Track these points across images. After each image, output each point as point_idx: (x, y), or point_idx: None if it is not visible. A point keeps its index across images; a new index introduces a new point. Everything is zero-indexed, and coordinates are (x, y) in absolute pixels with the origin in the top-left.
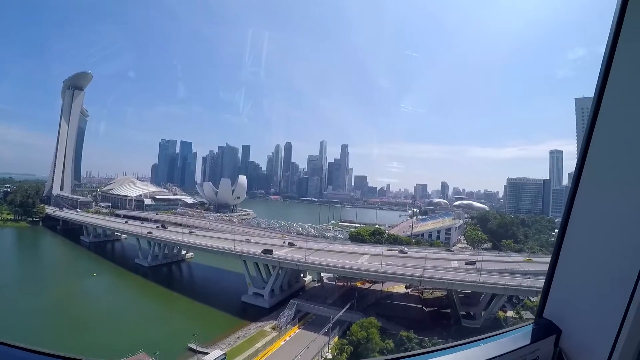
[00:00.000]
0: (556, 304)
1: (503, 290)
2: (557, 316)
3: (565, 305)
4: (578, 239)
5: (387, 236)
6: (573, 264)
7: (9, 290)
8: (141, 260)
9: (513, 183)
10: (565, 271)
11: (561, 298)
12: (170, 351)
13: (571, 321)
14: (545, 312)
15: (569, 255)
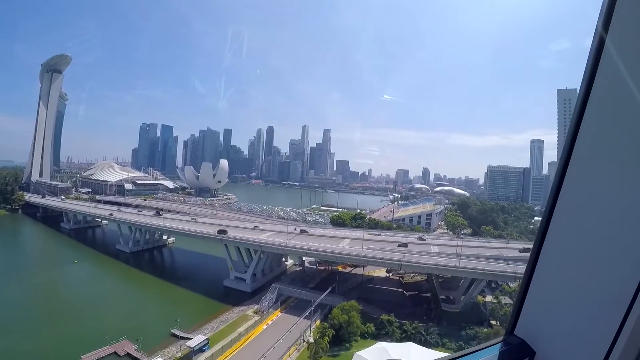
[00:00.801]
0: (530, 321)
1: (482, 275)
2: (531, 335)
3: (541, 323)
4: (560, 247)
5: (369, 221)
6: (553, 275)
7: None
8: (122, 246)
9: (494, 170)
10: (543, 283)
11: (537, 314)
12: (153, 337)
13: (547, 342)
14: (517, 329)
15: (549, 264)
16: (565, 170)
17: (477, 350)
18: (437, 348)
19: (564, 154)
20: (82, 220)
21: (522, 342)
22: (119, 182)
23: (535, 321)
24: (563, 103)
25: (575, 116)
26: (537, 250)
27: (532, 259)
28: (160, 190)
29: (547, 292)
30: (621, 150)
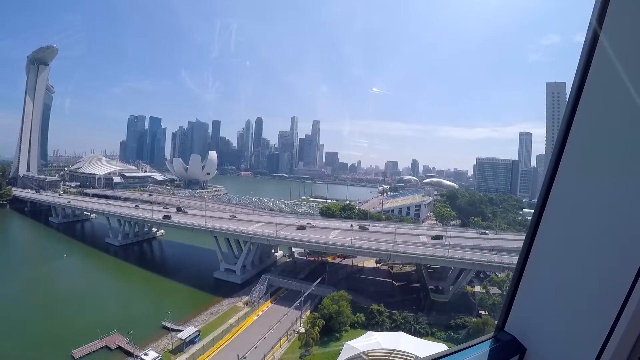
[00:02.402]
0: (521, 317)
1: (470, 265)
2: (522, 332)
3: (532, 319)
4: (551, 243)
5: (358, 211)
6: (544, 271)
7: None
8: (112, 239)
9: (482, 163)
10: (534, 279)
11: (528, 310)
12: (144, 330)
13: (538, 339)
14: (507, 324)
15: (540, 260)
16: (558, 166)
17: (468, 347)
18: (427, 337)
19: (556, 150)
20: (71, 214)
21: (513, 338)
22: (107, 175)
23: (526, 317)
24: (552, 96)
25: (568, 112)
26: (528, 246)
27: (523, 255)
28: (149, 182)
29: (538, 289)
30: (614, 147)
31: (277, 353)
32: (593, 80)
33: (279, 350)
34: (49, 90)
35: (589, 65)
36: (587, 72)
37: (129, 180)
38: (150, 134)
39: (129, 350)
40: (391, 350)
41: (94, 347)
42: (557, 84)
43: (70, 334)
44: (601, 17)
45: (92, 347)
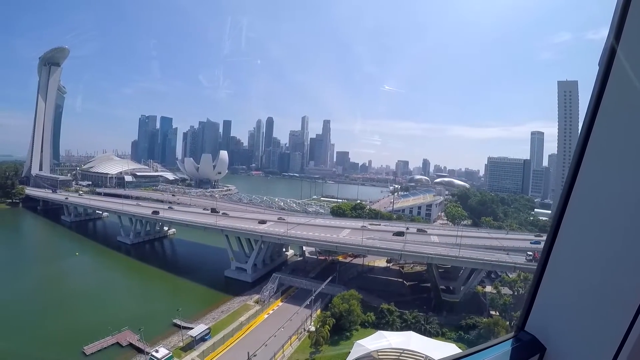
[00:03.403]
0: (541, 317)
1: (482, 265)
2: (542, 331)
3: (552, 319)
4: (573, 242)
5: (369, 211)
6: (565, 271)
7: None
8: (123, 237)
9: (494, 162)
10: (555, 279)
11: (548, 310)
12: (155, 327)
13: (558, 339)
14: (528, 324)
15: (561, 259)
16: (579, 166)
17: (489, 347)
18: (437, 337)
19: (578, 149)
20: (83, 213)
21: (533, 338)
22: (119, 175)
23: (546, 317)
24: (564, 95)
25: (590, 111)
26: (549, 246)
27: (544, 255)
28: (160, 182)
29: (558, 289)
30: (635, 149)
31: (287, 351)
32: (616, 78)
33: (289, 349)
34: (61, 90)
35: (612, 62)
36: (609, 69)
37: (141, 180)
38: (162, 133)
39: (140, 347)
40: (401, 350)
41: (105, 343)
42: (569, 82)
43: (81, 330)
44: (624, 12)
45: (103, 343)
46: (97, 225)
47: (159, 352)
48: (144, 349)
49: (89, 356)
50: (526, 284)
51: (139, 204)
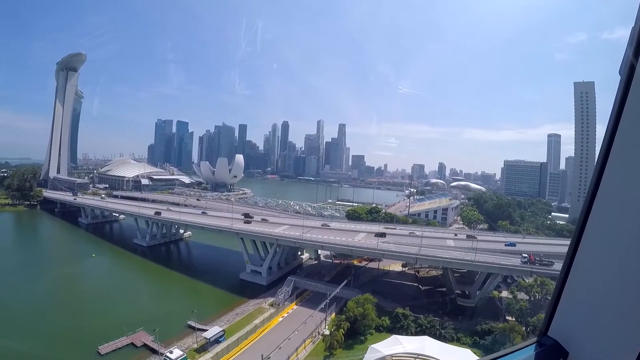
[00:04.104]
0: (564, 322)
1: (498, 269)
2: (565, 336)
3: (575, 324)
4: (598, 246)
5: (384, 215)
6: (589, 275)
7: (9, 274)
8: (140, 240)
9: (510, 165)
10: (579, 284)
11: (571, 315)
12: (169, 329)
13: (581, 344)
14: (551, 329)
15: (585, 264)
16: (604, 169)
17: (512, 352)
18: (452, 342)
19: (602, 153)
20: (100, 215)
21: (556, 343)
22: (135, 178)
23: (569, 322)
24: (580, 96)
25: (615, 112)
26: (573, 250)
27: (568, 259)
28: (176, 185)
29: (582, 293)
30: None
31: (302, 355)
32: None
33: (303, 352)
34: (78, 95)
35: (634, 66)
36: (633, 69)
37: (157, 183)
38: (178, 137)
39: (154, 347)
40: (416, 355)
41: (119, 343)
42: (585, 83)
43: (96, 330)
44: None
45: (117, 343)
46: (114, 227)
47: (173, 353)
48: (158, 349)
49: (104, 356)
50: (543, 289)
51: (169, 208)
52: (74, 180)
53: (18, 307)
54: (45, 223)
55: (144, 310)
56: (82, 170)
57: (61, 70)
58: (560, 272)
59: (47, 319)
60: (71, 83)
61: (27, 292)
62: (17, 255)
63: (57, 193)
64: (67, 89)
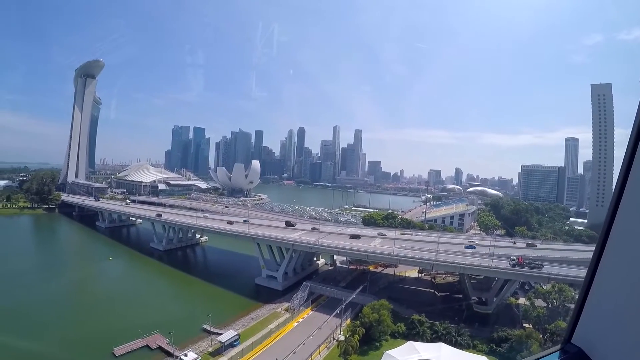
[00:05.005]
0: (588, 330)
1: (515, 275)
2: (589, 344)
3: (599, 331)
4: (623, 251)
5: (400, 220)
6: (614, 282)
7: (28, 276)
8: (156, 244)
9: (527, 170)
10: (603, 290)
11: (595, 323)
12: (184, 332)
13: (605, 352)
14: (574, 337)
15: (610, 270)
16: (629, 171)
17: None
18: (468, 349)
19: (628, 155)
20: (117, 219)
21: (580, 350)
22: (152, 183)
23: (593, 329)
24: (597, 99)
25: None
26: (598, 255)
27: (593, 264)
28: (193, 190)
29: (607, 300)
30: None
31: None
32: None
33: (318, 357)
34: (97, 101)
35: None
36: None
37: (174, 188)
38: (195, 143)
39: (169, 350)
40: None
41: (134, 345)
42: (602, 85)
43: (112, 331)
44: None
45: (132, 345)
46: (131, 231)
47: (188, 356)
48: (173, 352)
49: (119, 357)
50: (561, 296)
51: (206, 216)
52: (91, 184)
53: (36, 307)
54: (63, 226)
55: (160, 313)
56: (99, 175)
57: (79, 77)
58: (584, 278)
59: (64, 319)
60: (89, 89)
61: (46, 293)
62: (37, 257)
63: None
64: (85, 96)
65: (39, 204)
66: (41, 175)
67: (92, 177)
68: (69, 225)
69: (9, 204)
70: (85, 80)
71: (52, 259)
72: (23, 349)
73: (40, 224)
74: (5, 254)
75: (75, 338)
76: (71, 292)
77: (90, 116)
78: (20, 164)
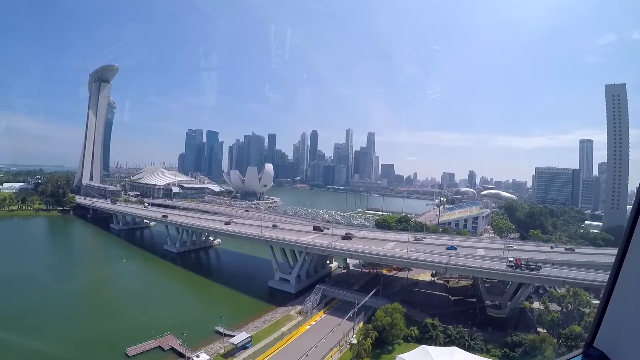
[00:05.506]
0: (611, 333)
1: (529, 279)
2: (611, 348)
3: (622, 335)
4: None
5: (414, 224)
6: (636, 286)
7: (44, 276)
8: (170, 246)
9: (542, 172)
10: (627, 293)
11: (617, 327)
12: (197, 333)
13: (628, 356)
14: (597, 340)
15: (633, 273)
16: None
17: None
18: (482, 354)
19: None
20: (131, 222)
21: (602, 354)
22: (166, 186)
23: (616, 333)
24: (611, 99)
25: None
26: (621, 257)
27: (616, 266)
28: (206, 193)
29: (631, 303)
30: None
31: None
32: None
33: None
34: (111, 105)
35: None
36: None
37: (187, 191)
38: (208, 147)
39: (181, 351)
40: None
41: (147, 346)
42: (617, 85)
43: (125, 332)
44: None
45: (145, 346)
46: (144, 233)
47: (200, 357)
48: (185, 353)
49: (131, 358)
50: (576, 300)
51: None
52: (106, 187)
53: (52, 307)
54: (77, 228)
55: (172, 314)
56: (114, 178)
57: (94, 81)
58: (607, 281)
59: (78, 319)
60: (103, 94)
61: (61, 293)
62: (52, 258)
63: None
64: (99, 100)
65: (54, 206)
66: (56, 178)
67: (107, 180)
68: (83, 227)
69: (24, 206)
70: (100, 84)
71: (67, 260)
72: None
73: (55, 226)
74: (22, 255)
75: (89, 337)
76: (85, 293)
77: (105, 120)
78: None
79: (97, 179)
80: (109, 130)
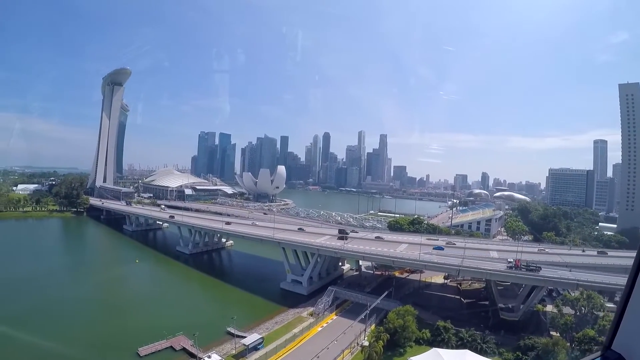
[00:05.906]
0: (629, 336)
1: (543, 282)
2: (630, 350)
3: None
4: None
5: (427, 226)
6: None
7: (58, 276)
8: (182, 247)
9: (555, 174)
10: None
11: (636, 329)
12: (208, 334)
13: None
14: (615, 343)
15: None
16: None
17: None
18: (494, 357)
19: None
20: (144, 223)
21: (620, 357)
22: (179, 188)
23: (635, 336)
24: (625, 99)
25: None
26: (639, 260)
27: (635, 268)
28: (219, 195)
29: None
30: None
31: None
32: None
33: None
34: (124, 108)
35: None
36: None
37: (200, 193)
38: (220, 149)
39: (193, 352)
40: None
41: (159, 346)
42: (631, 84)
43: (137, 332)
44: None
45: (157, 346)
46: (157, 235)
47: (212, 358)
48: (196, 354)
49: (143, 357)
50: (589, 303)
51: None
52: (119, 189)
53: (66, 306)
54: (91, 229)
55: (184, 315)
56: (127, 180)
57: (107, 84)
58: (625, 283)
59: (91, 318)
60: (117, 97)
61: (75, 292)
62: (66, 258)
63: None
64: (112, 103)
65: (67, 208)
66: (70, 180)
67: (120, 182)
68: (96, 228)
69: (38, 207)
70: (113, 87)
71: (81, 261)
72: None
73: (68, 227)
74: (37, 255)
75: (102, 337)
76: (99, 293)
77: (118, 122)
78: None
79: (110, 181)
80: (122, 133)
